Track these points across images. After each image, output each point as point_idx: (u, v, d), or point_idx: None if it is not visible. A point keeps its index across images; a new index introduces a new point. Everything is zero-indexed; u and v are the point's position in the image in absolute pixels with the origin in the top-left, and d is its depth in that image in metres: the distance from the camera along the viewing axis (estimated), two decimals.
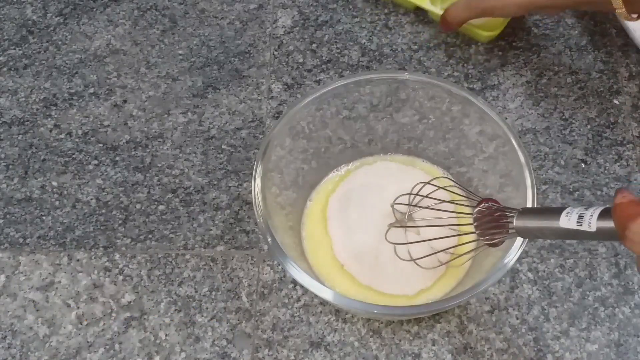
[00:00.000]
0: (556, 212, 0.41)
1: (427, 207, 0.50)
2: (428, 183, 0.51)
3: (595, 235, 0.39)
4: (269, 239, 0.46)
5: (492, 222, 0.45)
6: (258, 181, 0.48)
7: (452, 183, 0.53)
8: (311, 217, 0.54)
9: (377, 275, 0.51)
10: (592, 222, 0.38)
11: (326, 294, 0.45)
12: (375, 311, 0.45)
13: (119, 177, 0.59)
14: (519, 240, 0.45)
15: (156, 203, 0.58)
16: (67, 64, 0.66)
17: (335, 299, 0.45)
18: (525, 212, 0.44)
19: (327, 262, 0.52)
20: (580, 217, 0.39)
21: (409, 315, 0.50)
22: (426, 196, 0.50)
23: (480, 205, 0.46)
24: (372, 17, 0.68)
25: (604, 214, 0.38)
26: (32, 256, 0.56)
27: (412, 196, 0.51)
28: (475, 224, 0.46)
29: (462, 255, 0.49)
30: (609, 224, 0.38)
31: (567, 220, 0.40)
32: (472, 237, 0.48)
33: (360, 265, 0.51)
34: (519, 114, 0.62)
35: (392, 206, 0.51)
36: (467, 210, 0.51)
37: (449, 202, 0.50)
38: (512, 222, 0.44)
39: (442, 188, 0.51)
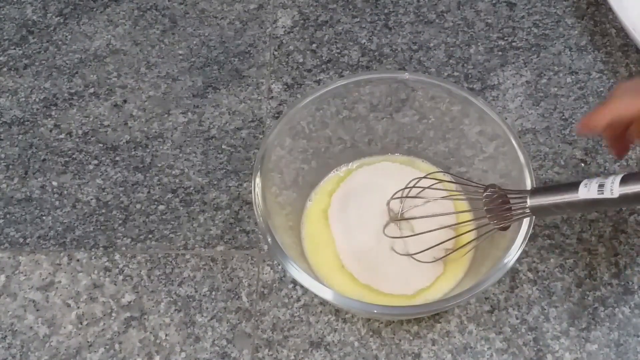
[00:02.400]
0: (572, 185, 0.41)
1: (417, 197, 0.50)
2: (423, 177, 0.51)
3: (617, 201, 0.39)
4: (269, 239, 0.46)
5: (503, 204, 0.45)
6: (258, 181, 0.48)
7: (449, 177, 0.53)
8: (311, 217, 0.54)
9: (376, 275, 0.51)
10: (614, 188, 0.39)
11: (326, 293, 0.45)
12: (375, 311, 0.46)
13: (119, 177, 0.59)
14: (519, 239, 0.45)
15: (156, 203, 0.58)
16: (67, 64, 0.66)
17: (335, 298, 0.45)
18: (537, 191, 0.44)
19: (327, 262, 0.52)
20: (601, 185, 0.40)
21: (408, 315, 0.50)
22: (420, 192, 0.50)
23: (488, 190, 0.46)
24: (372, 17, 0.68)
25: (625, 180, 0.39)
26: (32, 256, 0.56)
27: (405, 191, 0.51)
28: (485, 208, 0.46)
29: (461, 247, 0.49)
30: (632, 188, 0.38)
31: (587, 191, 0.40)
32: (470, 227, 0.48)
33: (360, 264, 0.51)
34: (519, 114, 0.62)
35: (387, 204, 0.51)
36: (464, 206, 0.51)
37: (443, 194, 0.50)
38: (526, 203, 0.44)
39: (439, 181, 0.51)
